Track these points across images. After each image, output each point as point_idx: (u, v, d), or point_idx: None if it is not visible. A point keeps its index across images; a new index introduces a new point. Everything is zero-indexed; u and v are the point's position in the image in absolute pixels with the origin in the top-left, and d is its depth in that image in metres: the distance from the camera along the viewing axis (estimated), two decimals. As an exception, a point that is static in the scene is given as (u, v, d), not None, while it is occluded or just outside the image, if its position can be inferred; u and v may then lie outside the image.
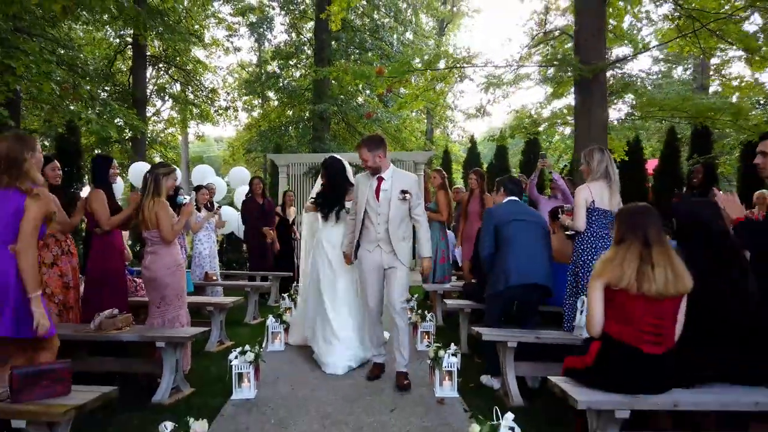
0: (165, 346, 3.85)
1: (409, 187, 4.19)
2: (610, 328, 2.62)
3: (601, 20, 7.22)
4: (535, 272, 3.99)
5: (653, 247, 2.58)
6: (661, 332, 2.57)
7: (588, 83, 7.10)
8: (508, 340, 3.70)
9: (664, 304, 2.55)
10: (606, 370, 2.56)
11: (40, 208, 2.84)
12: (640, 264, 2.54)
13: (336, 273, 4.91)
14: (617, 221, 2.80)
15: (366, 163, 4.19)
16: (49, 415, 2.36)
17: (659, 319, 2.56)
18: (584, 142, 7.30)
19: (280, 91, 18.57)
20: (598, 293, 2.62)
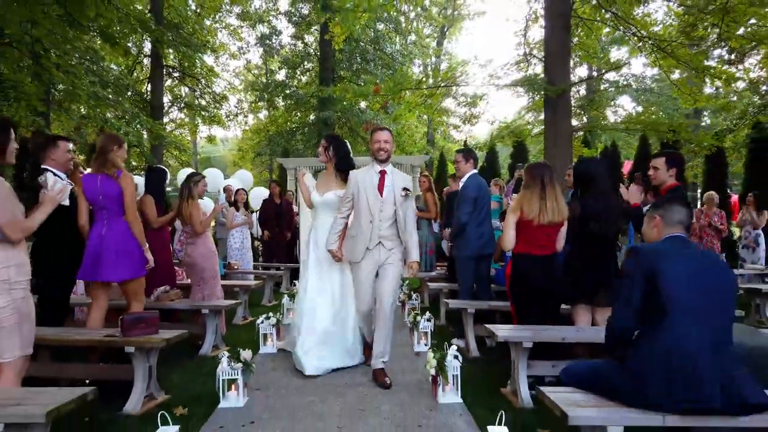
0: (208, 312, 5.10)
1: (408, 185, 4.19)
2: (519, 248, 4.05)
3: (566, 48, 8.43)
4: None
5: (546, 189, 3.96)
6: (547, 244, 4.03)
7: (555, 100, 8.30)
8: (468, 308, 4.94)
9: (551, 228, 4.00)
10: (517, 273, 4.08)
11: (132, 186, 4.15)
12: (540, 203, 3.91)
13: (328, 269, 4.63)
14: (525, 174, 4.19)
15: (386, 144, 4.09)
16: (150, 343, 3.59)
17: (547, 236, 4.03)
18: (552, 150, 8.56)
19: (287, 98, 19.82)
20: (512, 222, 4.04)
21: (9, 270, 2.70)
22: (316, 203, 4.71)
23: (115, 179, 4.22)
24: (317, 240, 4.63)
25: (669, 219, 2.65)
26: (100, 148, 4.19)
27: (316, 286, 4.59)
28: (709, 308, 2.38)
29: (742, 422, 2.29)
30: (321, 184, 4.77)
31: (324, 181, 4.76)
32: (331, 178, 4.72)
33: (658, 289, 2.38)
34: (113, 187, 4.20)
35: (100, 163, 4.21)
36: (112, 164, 4.21)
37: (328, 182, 4.72)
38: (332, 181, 4.70)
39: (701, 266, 2.46)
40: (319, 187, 4.73)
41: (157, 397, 3.77)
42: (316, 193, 4.71)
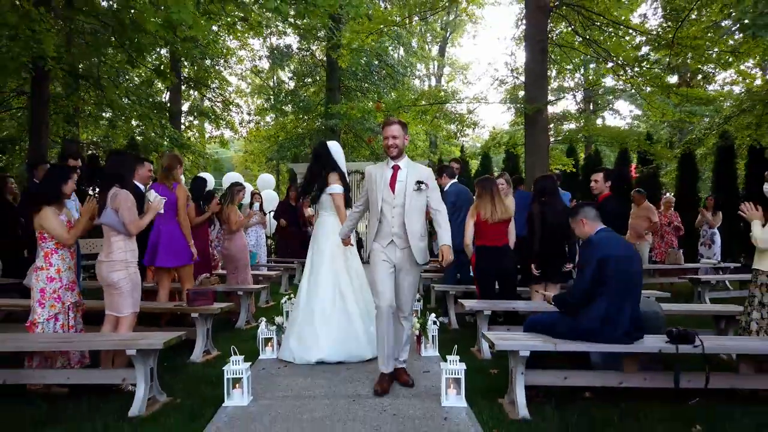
0: (242, 294, 6.38)
1: (425, 179, 3.94)
2: (479, 241, 5.38)
3: (543, 70, 9.67)
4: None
5: (494, 196, 5.32)
6: (500, 237, 5.38)
7: (533, 116, 9.54)
8: (450, 290, 6.22)
9: (501, 224, 5.38)
10: (479, 260, 5.43)
11: (184, 195, 5.44)
12: (491, 207, 5.24)
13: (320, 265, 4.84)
14: (477, 187, 5.53)
15: (395, 140, 3.92)
16: (208, 311, 4.87)
17: (499, 231, 5.40)
18: (531, 159, 9.80)
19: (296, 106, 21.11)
20: (471, 223, 5.39)
21: (127, 253, 3.99)
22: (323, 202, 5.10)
23: (171, 190, 5.51)
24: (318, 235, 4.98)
25: (590, 217, 3.88)
26: (167, 165, 5.49)
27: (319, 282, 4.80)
28: (629, 282, 3.62)
29: (618, 348, 3.55)
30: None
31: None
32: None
33: (602, 269, 3.59)
34: (170, 196, 5.48)
35: (165, 176, 5.51)
36: (174, 178, 5.51)
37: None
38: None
39: (625, 253, 3.71)
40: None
41: (212, 352, 5.06)
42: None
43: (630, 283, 3.59)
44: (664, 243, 9.81)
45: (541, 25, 9.56)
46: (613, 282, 3.54)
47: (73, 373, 3.87)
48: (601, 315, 3.55)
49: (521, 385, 3.52)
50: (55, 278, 4.03)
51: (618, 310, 3.55)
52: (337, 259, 4.83)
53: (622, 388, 3.69)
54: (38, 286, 4.01)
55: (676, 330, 3.58)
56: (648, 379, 3.64)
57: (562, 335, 3.65)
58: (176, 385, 4.09)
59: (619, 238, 3.80)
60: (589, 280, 3.61)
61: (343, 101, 18.64)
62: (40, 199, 4.01)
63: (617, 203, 5.58)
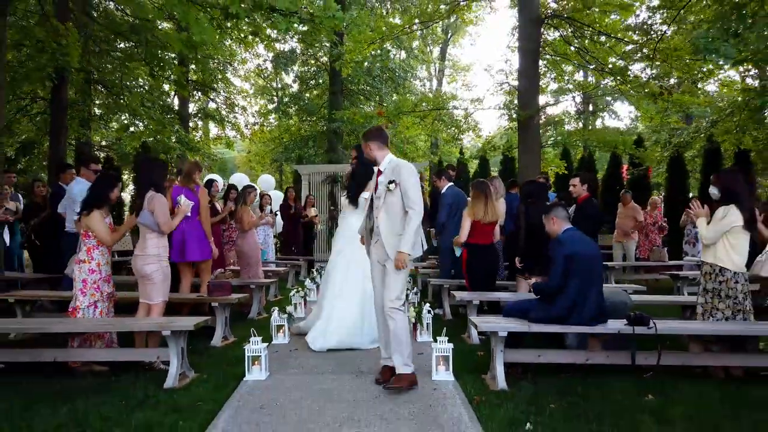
0: (255, 287, 6.97)
1: (398, 176, 4.00)
2: (471, 240, 5.94)
3: (535, 79, 10.26)
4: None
5: (487, 200, 5.84)
6: (489, 236, 5.95)
7: (526, 122, 10.11)
8: (444, 284, 6.80)
9: (490, 225, 5.93)
10: (470, 256, 5.96)
11: (205, 198, 6.02)
12: (484, 209, 5.76)
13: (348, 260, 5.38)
14: (473, 189, 6.05)
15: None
16: (227, 300, 5.47)
17: (488, 231, 5.93)
18: (524, 162, 10.38)
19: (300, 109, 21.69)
20: (468, 224, 5.90)
21: (160, 249, 4.59)
22: (343, 205, 5.59)
23: (194, 193, 6.09)
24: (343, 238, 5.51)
25: (560, 216, 4.46)
26: (187, 171, 6.07)
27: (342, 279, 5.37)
28: (592, 274, 4.20)
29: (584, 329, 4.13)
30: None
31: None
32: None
33: (570, 263, 4.17)
34: (193, 198, 6.07)
35: (186, 181, 6.09)
36: (194, 182, 6.10)
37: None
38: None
39: (588, 250, 4.28)
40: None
41: (229, 338, 5.65)
42: (343, 198, 5.56)
43: (593, 275, 4.16)
44: (648, 241, 10.36)
45: (534, 35, 10.14)
46: (578, 274, 4.12)
47: (114, 351, 4.47)
48: (569, 302, 4.13)
49: (500, 361, 4.10)
50: (96, 270, 4.62)
51: (584, 298, 4.12)
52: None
53: (588, 365, 4.27)
54: (81, 277, 4.60)
55: (633, 314, 4.16)
56: (610, 356, 4.22)
57: (537, 319, 4.22)
58: (201, 365, 4.68)
59: (584, 237, 4.37)
60: (560, 274, 4.18)
61: (345, 104, 19.26)
62: (91, 204, 4.60)
63: (594, 205, 6.15)
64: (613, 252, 10.59)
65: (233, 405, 3.69)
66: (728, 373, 4.44)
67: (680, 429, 3.31)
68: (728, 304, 4.40)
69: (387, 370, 4.14)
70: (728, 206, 4.43)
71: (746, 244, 4.42)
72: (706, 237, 4.47)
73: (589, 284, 4.14)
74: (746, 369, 4.45)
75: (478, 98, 10.67)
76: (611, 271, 9.78)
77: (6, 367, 4.54)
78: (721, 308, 4.41)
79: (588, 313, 4.13)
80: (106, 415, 3.48)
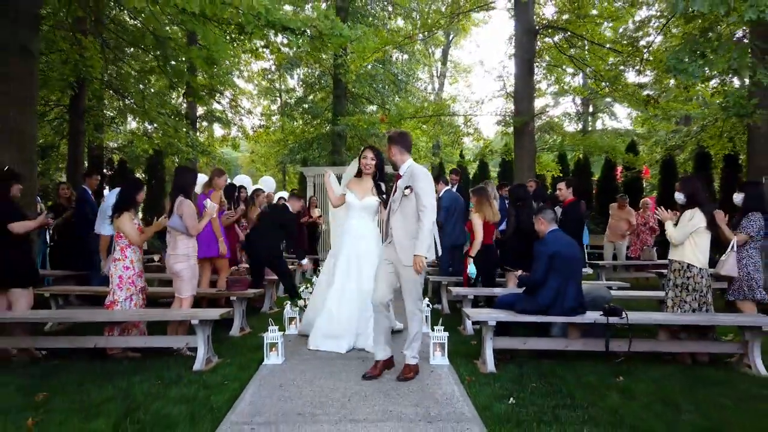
0: (267, 283, 7.52)
1: (413, 182, 4.13)
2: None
3: (530, 87, 10.78)
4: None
5: (490, 201, 6.38)
6: (490, 235, 6.43)
7: (521, 128, 10.64)
8: (442, 281, 7.35)
9: (493, 226, 6.39)
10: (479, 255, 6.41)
11: (217, 199, 6.57)
12: (491, 210, 6.34)
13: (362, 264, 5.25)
14: (478, 195, 6.56)
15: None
16: (244, 295, 6.02)
17: (492, 230, 6.43)
18: (520, 165, 10.90)
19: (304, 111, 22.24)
20: (480, 225, 6.37)
21: (189, 249, 5.15)
22: (355, 206, 5.34)
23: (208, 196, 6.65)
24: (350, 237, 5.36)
25: (547, 218, 4.99)
26: (210, 178, 6.62)
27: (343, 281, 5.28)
28: (573, 270, 4.74)
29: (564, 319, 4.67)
30: (358, 188, 5.34)
31: (361, 187, 5.33)
32: (368, 185, 5.31)
33: (552, 262, 4.72)
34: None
35: (208, 185, 6.64)
36: (215, 186, 6.65)
37: (365, 188, 5.32)
38: (368, 187, 5.30)
39: (569, 249, 4.82)
40: (357, 192, 5.34)
41: (246, 329, 6.20)
42: (353, 197, 5.31)
43: (573, 271, 4.70)
44: (639, 241, 10.87)
45: (529, 46, 10.67)
46: (560, 271, 4.66)
47: (148, 338, 5.03)
48: (551, 295, 4.67)
49: (490, 347, 4.64)
50: (130, 267, 5.17)
51: (564, 291, 4.66)
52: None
53: (568, 351, 4.81)
54: (117, 274, 5.15)
55: (608, 306, 4.70)
56: (587, 343, 4.76)
57: (522, 311, 4.76)
58: (223, 351, 5.23)
59: (565, 237, 4.91)
60: (543, 270, 4.72)
61: (349, 107, 19.80)
62: (120, 207, 5.15)
63: (578, 207, 6.68)
64: (604, 252, 11.13)
65: (256, 383, 4.23)
66: (695, 359, 4.97)
67: (640, 402, 3.84)
68: (694, 296, 4.93)
69: (377, 365, 4.36)
70: (693, 209, 4.95)
71: (708, 243, 4.95)
72: (674, 238, 5.00)
73: (569, 280, 4.68)
74: (711, 355, 4.99)
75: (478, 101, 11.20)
76: (602, 269, 10.32)
77: (46, 354, 5.10)
78: (688, 301, 4.94)
79: (568, 304, 4.66)
80: (146, 391, 4.03)
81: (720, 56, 4.75)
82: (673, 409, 3.71)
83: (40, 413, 3.58)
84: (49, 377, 4.40)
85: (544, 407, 3.70)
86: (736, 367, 4.76)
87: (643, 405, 3.80)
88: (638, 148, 15.51)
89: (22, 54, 6.30)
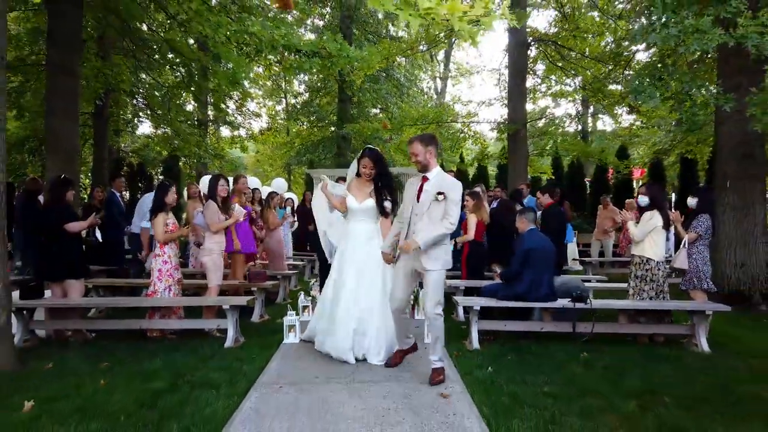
0: (281, 278, 8.38)
1: (447, 190, 4.10)
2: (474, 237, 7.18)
3: (523, 95, 11.59)
4: None
5: (484, 203, 7.20)
6: (482, 233, 7.19)
7: (515, 134, 11.45)
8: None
9: (483, 225, 7.16)
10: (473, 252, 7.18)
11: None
12: (485, 212, 7.09)
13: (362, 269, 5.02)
14: (472, 197, 7.31)
15: (416, 158, 4.18)
16: (263, 286, 6.88)
17: (483, 230, 7.18)
18: (514, 169, 11.72)
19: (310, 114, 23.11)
20: (474, 222, 7.12)
21: (213, 245, 6.01)
22: (353, 209, 5.18)
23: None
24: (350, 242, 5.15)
25: (528, 219, 5.82)
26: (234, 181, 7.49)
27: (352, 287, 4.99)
28: (546, 263, 5.57)
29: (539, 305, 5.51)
30: (357, 192, 5.20)
31: (361, 190, 5.20)
32: (368, 188, 5.18)
33: (527, 257, 5.55)
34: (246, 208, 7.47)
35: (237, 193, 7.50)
36: (242, 192, 7.50)
37: (365, 191, 5.18)
38: (368, 190, 5.17)
39: (544, 245, 5.65)
40: (357, 195, 5.19)
41: (265, 316, 7.06)
42: (353, 200, 5.16)
43: (546, 264, 5.54)
44: (625, 239, 11.67)
45: (521, 57, 11.49)
46: (535, 264, 5.49)
47: (185, 321, 5.90)
48: (528, 284, 5.50)
49: (475, 328, 5.48)
50: (168, 261, 6.03)
51: (539, 281, 5.50)
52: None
53: (543, 332, 5.64)
54: (157, 267, 6.01)
55: (575, 293, 5.53)
56: (558, 326, 5.59)
57: (503, 298, 5.60)
58: (247, 334, 6.08)
59: (540, 235, 5.74)
60: (520, 263, 5.56)
61: (353, 111, 20.66)
62: (154, 209, 6.01)
63: (556, 210, 7.53)
64: (591, 248, 11.94)
65: (278, 357, 5.09)
66: (652, 339, 5.80)
67: (597, 371, 4.68)
68: (652, 286, 5.74)
69: (398, 353, 4.80)
70: (653, 211, 5.77)
71: (664, 240, 5.77)
72: (635, 235, 5.82)
73: (543, 272, 5.52)
74: (667, 336, 5.82)
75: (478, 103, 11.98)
76: (589, 265, 11.15)
77: (95, 335, 5.97)
78: (646, 290, 5.76)
79: (542, 292, 5.50)
80: (189, 363, 4.89)
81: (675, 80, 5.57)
82: (620, 376, 4.54)
83: (107, 377, 4.45)
84: (105, 353, 5.27)
85: (515, 374, 4.54)
86: (687, 346, 5.58)
87: (597, 374, 4.63)
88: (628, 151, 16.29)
89: (68, 74, 7.17)
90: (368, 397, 3.98)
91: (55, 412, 3.66)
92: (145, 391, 4.08)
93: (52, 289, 6.04)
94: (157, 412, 3.66)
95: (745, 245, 7.85)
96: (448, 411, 3.70)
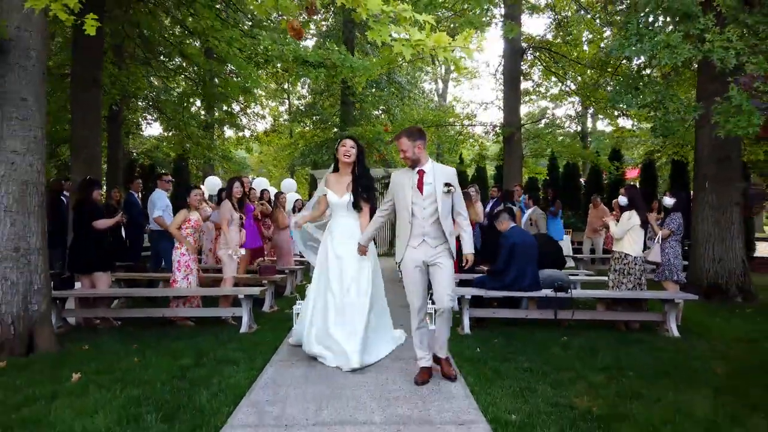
0: (288, 272, 8.97)
1: (451, 180, 4.11)
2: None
3: (517, 99, 12.15)
4: None
5: (474, 203, 7.75)
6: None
7: (510, 137, 12.02)
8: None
9: (474, 224, 7.64)
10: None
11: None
12: (473, 211, 7.64)
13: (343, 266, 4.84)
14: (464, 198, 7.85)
15: (405, 154, 4.06)
16: (273, 278, 7.46)
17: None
18: (509, 170, 12.28)
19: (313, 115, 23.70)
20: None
21: (228, 240, 6.59)
22: (335, 204, 5.00)
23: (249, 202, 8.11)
24: (334, 238, 4.96)
25: (506, 219, 6.39)
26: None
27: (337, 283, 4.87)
28: (529, 257, 6.13)
29: (524, 294, 6.08)
30: (337, 186, 5.00)
31: (339, 184, 5.00)
32: (347, 180, 4.97)
33: (512, 252, 6.12)
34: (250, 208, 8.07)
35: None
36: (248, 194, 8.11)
37: (343, 184, 4.98)
38: (347, 183, 4.95)
39: (526, 240, 6.21)
40: (336, 190, 4.98)
41: (274, 307, 7.64)
42: (333, 195, 4.97)
43: (529, 257, 6.11)
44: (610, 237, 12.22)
45: (515, 64, 12.06)
46: (519, 257, 6.06)
47: (204, 309, 6.48)
48: (513, 275, 6.07)
49: (467, 316, 6.05)
50: (185, 254, 6.62)
51: (523, 273, 6.07)
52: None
53: (528, 319, 6.21)
54: (176, 259, 6.60)
55: (557, 284, 6.09)
56: (542, 313, 6.16)
57: (492, 288, 6.17)
58: (259, 322, 6.66)
59: (521, 230, 6.33)
60: (506, 258, 6.13)
61: (356, 114, 21.26)
62: (179, 206, 6.61)
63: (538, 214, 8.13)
64: (583, 246, 12.50)
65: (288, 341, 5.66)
66: (628, 326, 6.36)
67: (574, 352, 5.24)
68: (630, 279, 6.31)
69: (425, 371, 4.24)
70: (631, 211, 6.33)
71: (642, 237, 6.33)
72: (615, 233, 6.38)
73: (527, 263, 6.09)
74: (642, 323, 6.38)
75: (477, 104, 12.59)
76: (581, 262, 11.72)
77: (121, 323, 6.56)
78: (624, 282, 6.32)
79: (526, 283, 6.07)
80: (209, 346, 5.47)
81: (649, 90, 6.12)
82: (593, 356, 5.11)
83: (139, 356, 5.04)
84: (133, 338, 5.86)
85: (499, 354, 5.11)
86: (660, 332, 6.14)
87: (573, 354, 5.20)
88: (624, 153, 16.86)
89: (93, 84, 7.77)
90: (369, 370, 4.56)
91: (100, 382, 4.24)
92: (175, 366, 4.66)
93: (81, 280, 6.63)
94: (187, 382, 4.25)
95: (723, 241, 8.41)
96: (438, 380, 4.28)
